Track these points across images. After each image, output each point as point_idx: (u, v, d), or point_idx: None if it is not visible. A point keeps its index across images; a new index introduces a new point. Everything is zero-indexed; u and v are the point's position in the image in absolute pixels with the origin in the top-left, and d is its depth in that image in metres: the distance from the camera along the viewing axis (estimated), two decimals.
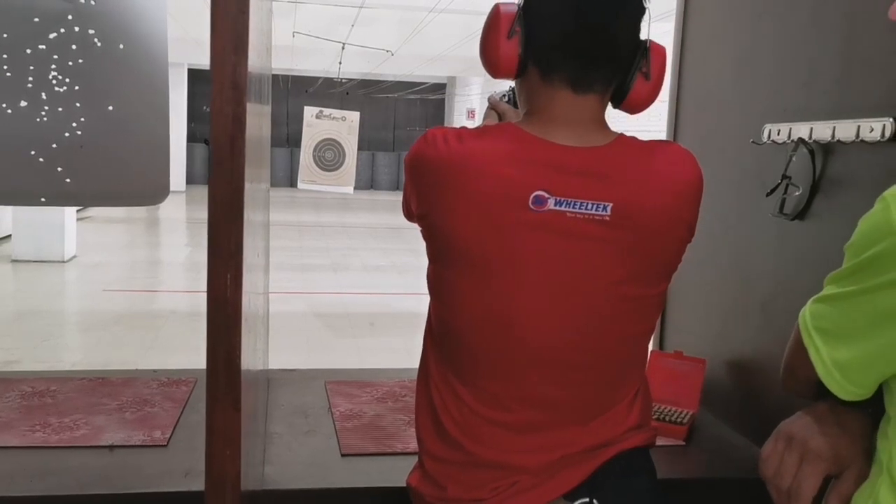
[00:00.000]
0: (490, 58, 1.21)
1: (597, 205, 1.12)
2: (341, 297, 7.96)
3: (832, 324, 0.99)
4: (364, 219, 14.89)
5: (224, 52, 0.74)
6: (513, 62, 1.20)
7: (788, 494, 1.02)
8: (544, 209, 1.12)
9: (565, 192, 1.12)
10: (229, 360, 0.84)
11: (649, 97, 1.22)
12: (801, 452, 1.02)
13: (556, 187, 1.12)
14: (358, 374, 2.12)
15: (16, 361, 5.12)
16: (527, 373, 1.18)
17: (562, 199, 1.12)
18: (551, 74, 1.18)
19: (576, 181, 1.13)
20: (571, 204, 1.12)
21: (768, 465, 1.05)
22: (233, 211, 0.78)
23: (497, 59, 1.20)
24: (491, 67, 1.22)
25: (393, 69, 15.72)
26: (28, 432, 1.62)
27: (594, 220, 1.12)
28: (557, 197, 1.12)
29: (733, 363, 1.86)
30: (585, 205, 1.12)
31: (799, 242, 1.63)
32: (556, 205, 1.12)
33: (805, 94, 1.63)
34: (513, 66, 1.20)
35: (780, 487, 1.03)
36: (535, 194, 1.12)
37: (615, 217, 1.13)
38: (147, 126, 1.87)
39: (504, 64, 1.20)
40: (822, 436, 1.01)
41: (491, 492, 1.19)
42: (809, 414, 1.05)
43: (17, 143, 1.82)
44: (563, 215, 1.12)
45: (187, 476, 1.45)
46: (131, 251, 10.45)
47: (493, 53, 1.20)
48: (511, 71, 1.21)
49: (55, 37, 1.82)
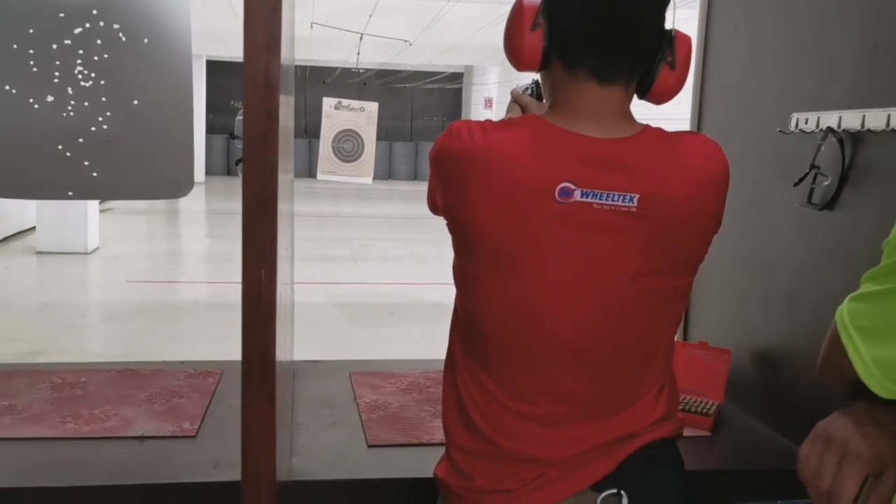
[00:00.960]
0: (514, 50, 1.20)
1: (623, 196, 1.12)
2: (361, 287, 7.99)
3: (871, 322, 0.98)
4: (383, 209, 14.91)
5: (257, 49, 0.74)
6: (537, 54, 1.19)
7: (829, 495, 1.01)
8: (570, 201, 1.12)
9: (591, 184, 1.12)
10: (263, 355, 0.85)
11: (675, 87, 1.20)
12: (840, 453, 1.01)
13: (582, 179, 1.12)
14: (382, 366, 2.13)
15: (40, 352, 5.18)
16: (552, 366, 1.18)
17: (588, 190, 1.12)
18: (575, 66, 1.17)
19: (602, 173, 1.12)
20: (598, 195, 1.12)
21: (807, 466, 1.04)
22: (266, 207, 0.78)
23: (521, 51, 1.19)
24: (515, 60, 1.21)
25: (410, 59, 15.69)
26: (59, 423, 1.64)
27: (620, 211, 1.12)
28: (584, 188, 1.12)
29: (758, 354, 1.86)
30: (612, 196, 1.12)
31: (827, 233, 1.62)
32: (582, 196, 1.12)
33: (832, 82, 1.61)
34: (537, 59, 1.19)
35: (820, 488, 1.02)
36: (561, 186, 1.12)
37: (642, 208, 1.12)
38: (172, 120, 1.89)
39: (528, 56, 1.19)
40: (861, 436, 1.00)
41: (518, 483, 1.20)
42: (847, 414, 1.04)
43: (45, 138, 1.84)
44: (590, 207, 1.12)
45: (216, 467, 1.47)
46: (152, 243, 10.53)
47: (516, 46, 1.19)
48: (535, 63, 1.20)
49: (80, 32, 1.83)
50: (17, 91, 1.83)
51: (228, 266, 8.60)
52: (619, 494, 1.18)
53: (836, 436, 1.02)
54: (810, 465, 1.03)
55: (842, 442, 1.01)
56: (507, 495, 1.20)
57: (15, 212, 9.75)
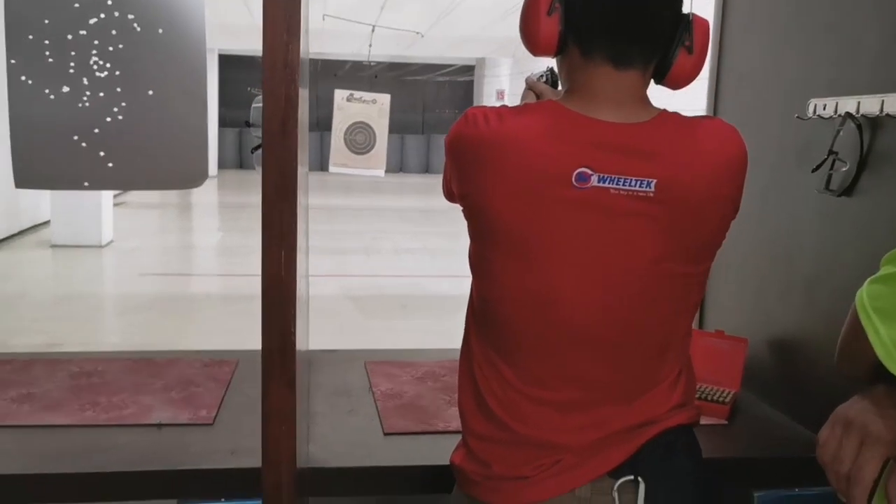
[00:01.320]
0: (530, 35, 1.20)
1: (640, 181, 1.11)
2: (373, 279, 8.00)
3: (891, 303, 0.98)
4: (394, 202, 14.91)
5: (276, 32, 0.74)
6: (553, 39, 1.18)
7: (848, 479, 1.00)
8: (587, 186, 1.11)
9: (608, 169, 1.11)
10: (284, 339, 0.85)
11: (693, 71, 1.19)
12: (860, 436, 1.01)
13: (600, 164, 1.11)
14: (397, 355, 2.13)
15: (57, 344, 5.22)
16: (568, 351, 1.18)
17: (605, 175, 1.11)
18: (591, 51, 1.16)
19: (619, 158, 1.12)
20: (615, 180, 1.11)
21: (826, 450, 1.03)
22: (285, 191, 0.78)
23: (537, 36, 1.18)
24: (531, 45, 1.21)
25: (422, 51, 15.66)
26: (78, 411, 1.66)
27: (638, 196, 1.12)
28: (601, 173, 1.11)
29: (775, 342, 1.85)
30: (629, 181, 1.11)
31: (845, 219, 1.60)
32: (599, 181, 1.11)
33: (850, 67, 1.60)
34: (553, 44, 1.19)
35: (840, 472, 1.01)
36: (578, 171, 1.11)
37: (659, 193, 1.12)
38: (186, 110, 1.89)
39: (544, 41, 1.18)
40: (881, 419, 1.00)
41: (535, 469, 1.20)
42: (867, 397, 1.03)
43: (61, 129, 1.85)
44: (607, 192, 1.12)
45: (234, 454, 1.48)
46: (165, 236, 10.59)
47: (532, 31, 1.18)
48: (551, 48, 1.20)
49: (95, 22, 1.84)
50: (33, 82, 1.84)
51: (241, 259, 8.64)
52: (637, 481, 1.18)
53: (856, 419, 1.01)
54: (830, 450, 1.03)
55: (861, 425, 1.00)
56: (524, 482, 1.20)
57: (30, 205, 9.82)
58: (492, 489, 1.22)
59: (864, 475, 0.99)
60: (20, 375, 1.86)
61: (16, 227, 9.56)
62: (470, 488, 1.25)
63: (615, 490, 1.18)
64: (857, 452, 1.00)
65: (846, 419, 1.02)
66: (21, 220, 9.70)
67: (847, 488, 1.01)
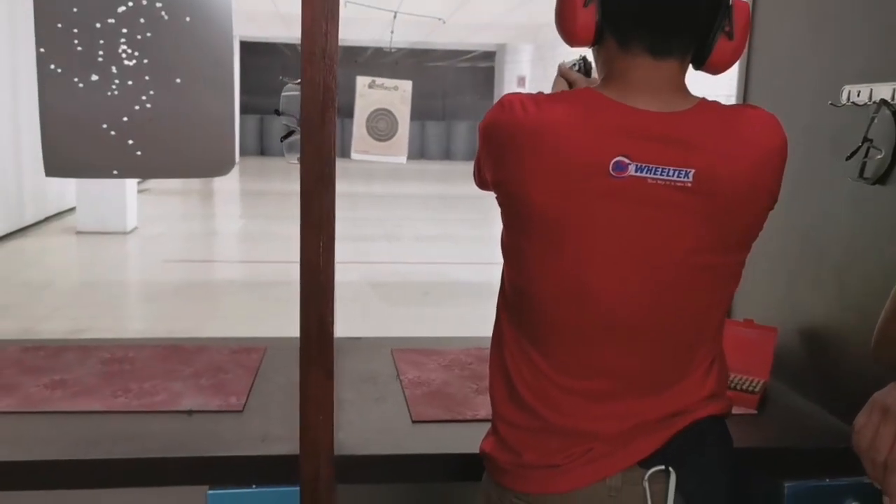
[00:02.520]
0: (566, 27, 1.18)
1: (678, 171, 1.10)
2: (395, 266, 8.02)
3: None
4: (416, 188, 14.91)
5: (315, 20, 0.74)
6: (590, 31, 1.17)
7: (885, 466, 0.99)
8: (625, 175, 1.10)
9: (646, 158, 1.10)
10: (322, 327, 0.85)
11: (733, 57, 1.18)
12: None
13: (637, 153, 1.10)
14: (423, 343, 2.14)
15: (83, 330, 5.28)
16: (602, 341, 1.18)
17: (643, 164, 1.10)
18: (629, 42, 1.15)
19: (657, 147, 1.11)
20: (652, 170, 1.10)
21: (863, 438, 1.02)
22: (324, 179, 0.78)
23: (574, 27, 1.17)
24: (567, 36, 1.20)
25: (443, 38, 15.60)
26: (110, 397, 1.67)
27: (675, 186, 1.11)
28: (638, 163, 1.10)
29: (805, 331, 1.83)
30: (667, 171, 1.10)
31: (879, 207, 1.58)
32: (636, 171, 1.10)
33: (884, 53, 1.57)
34: (590, 35, 1.18)
35: (876, 460, 1.00)
36: (615, 160, 1.10)
37: (697, 183, 1.10)
38: (213, 98, 1.90)
39: (581, 33, 1.18)
40: None
41: (566, 458, 1.19)
42: None
43: (90, 117, 1.86)
44: (644, 181, 1.11)
45: (264, 441, 1.49)
46: (189, 223, 10.66)
47: (569, 22, 1.17)
48: (588, 40, 1.19)
49: (124, 11, 1.84)
50: (62, 71, 1.85)
51: (263, 246, 8.69)
52: (668, 471, 1.18)
53: (893, 406, 1.00)
54: (866, 437, 1.02)
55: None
56: (554, 470, 1.20)
57: (56, 192, 9.93)
58: (522, 477, 1.22)
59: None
60: (52, 362, 1.88)
61: (42, 214, 9.67)
62: (500, 476, 1.26)
63: (646, 480, 1.17)
64: (894, 440, 0.99)
65: (884, 406, 1.01)
66: (47, 207, 9.81)
67: (883, 476, 1.00)
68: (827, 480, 1.53)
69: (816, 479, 1.53)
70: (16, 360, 1.89)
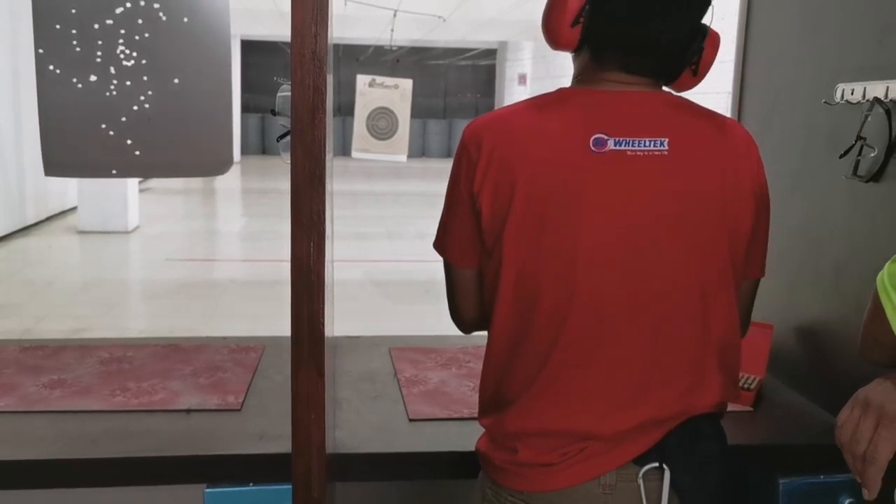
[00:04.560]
0: (552, 38, 1.24)
1: (654, 141, 1.17)
2: (396, 264, 8.03)
3: None
4: (417, 186, 14.91)
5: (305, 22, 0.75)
6: (573, 45, 1.23)
7: (864, 459, 1.01)
8: (605, 150, 1.16)
9: (623, 133, 1.16)
10: (313, 326, 0.86)
11: (693, 85, 1.27)
12: (877, 417, 1.01)
13: (614, 129, 1.16)
14: (421, 341, 2.14)
15: (85, 329, 5.30)
16: (593, 328, 1.18)
17: (620, 139, 1.16)
18: (603, 61, 1.22)
19: (630, 122, 1.18)
20: (630, 143, 1.16)
21: (844, 431, 1.04)
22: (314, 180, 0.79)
23: (558, 42, 1.23)
24: (552, 44, 1.26)
25: (444, 35, 15.60)
26: (108, 396, 1.68)
27: (654, 155, 1.16)
28: (616, 137, 1.16)
29: (802, 328, 1.83)
30: (643, 142, 1.16)
31: (874, 205, 1.59)
32: (615, 145, 1.16)
33: (878, 51, 1.57)
34: (572, 48, 1.24)
35: (856, 453, 1.02)
36: (594, 137, 1.16)
37: (672, 151, 1.17)
38: (211, 98, 1.91)
39: (564, 46, 1.24)
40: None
41: (561, 456, 1.20)
42: (889, 379, 1.04)
43: (89, 117, 1.87)
44: (624, 154, 1.16)
45: (262, 439, 1.50)
46: (190, 221, 10.68)
47: (555, 36, 1.23)
48: (570, 49, 1.25)
49: (122, 11, 1.85)
50: (61, 71, 1.86)
51: (265, 244, 8.70)
52: (662, 468, 1.19)
53: (874, 400, 1.01)
54: (847, 431, 1.03)
55: (879, 406, 1.01)
56: (549, 468, 1.20)
57: (57, 192, 9.94)
58: (517, 475, 1.23)
59: (879, 455, 0.99)
60: (51, 361, 1.89)
61: (44, 214, 9.69)
62: (496, 474, 1.26)
63: (640, 477, 1.18)
64: (873, 433, 1.00)
65: (865, 400, 1.03)
66: (48, 207, 9.83)
67: (863, 468, 1.01)
68: (822, 477, 1.54)
69: (812, 475, 1.54)
70: (15, 360, 1.90)
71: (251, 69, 19.16)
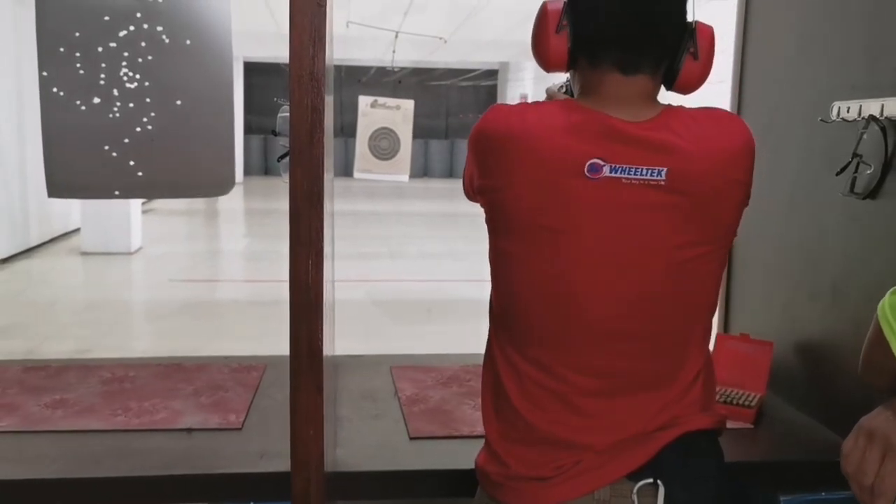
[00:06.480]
0: (541, 53, 1.25)
1: (651, 170, 1.15)
2: (398, 284, 8.03)
3: None
4: (419, 206, 14.94)
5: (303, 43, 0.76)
6: (563, 56, 1.24)
7: (871, 490, 1.00)
8: (600, 176, 1.15)
9: (620, 160, 1.15)
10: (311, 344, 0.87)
11: (701, 76, 1.24)
12: (882, 447, 1.01)
13: (611, 155, 1.15)
14: (422, 360, 2.15)
15: (88, 350, 5.30)
16: (586, 343, 1.20)
17: (617, 165, 1.15)
18: (599, 62, 1.21)
19: (630, 150, 1.16)
20: (626, 170, 1.15)
21: (850, 461, 1.04)
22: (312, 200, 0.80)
23: (547, 54, 1.24)
24: (542, 62, 1.26)
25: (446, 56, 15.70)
26: (110, 416, 1.69)
27: (650, 185, 1.15)
28: (612, 164, 1.15)
29: (801, 345, 1.84)
30: (640, 170, 1.15)
31: (871, 222, 1.60)
32: (611, 172, 1.15)
33: (873, 70, 1.59)
34: (563, 60, 1.24)
35: (863, 484, 1.02)
36: (590, 162, 1.15)
37: (670, 181, 1.15)
38: (213, 120, 1.93)
39: (554, 58, 1.24)
40: None
41: (555, 470, 1.20)
42: (890, 408, 1.04)
43: (92, 139, 1.89)
44: (619, 182, 1.15)
45: (263, 458, 1.50)
46: (193, 242, 10.70)
47: (543, 49, 1.24)
48: (562, 64, 1.25)
49: (125, 34, 1.88)
50: (65, 93, 1.88)
51: (267, 265, 8.71)
52: (656, 484, 1.19)
53: (879, 430, 1.01)
54: (853, 461, 1.03)
55: (884, 437, 1.00)
56: (543, 482, 1.21)
57: (60, 213, 9.97)
58: (512, 490, 1.24)
59: (887, 487, 0.99)
60: (53, 381, 1.90)
61: (47, 235, 9.71)
62: (492, 490, 1.27)
63: (634, 493, 1.18)
64: (880, 464, 1.00)
65: (869, 431, 1.03)
66: (51, 228, 9.85)
67: (871, 501, 1.01)
68: (823, 494, 1.54)
69: (812, 492, 1.54)
70: (18, 380, 1.90)
71: (254, 90, 19.27)
